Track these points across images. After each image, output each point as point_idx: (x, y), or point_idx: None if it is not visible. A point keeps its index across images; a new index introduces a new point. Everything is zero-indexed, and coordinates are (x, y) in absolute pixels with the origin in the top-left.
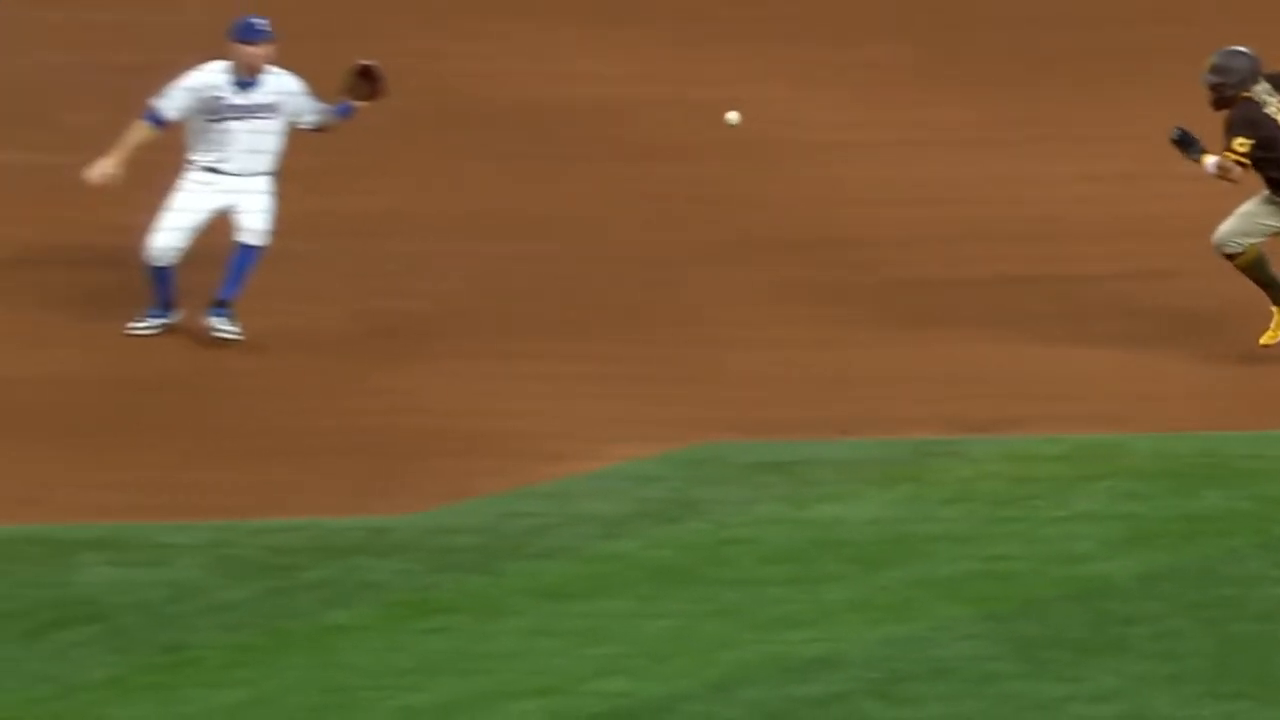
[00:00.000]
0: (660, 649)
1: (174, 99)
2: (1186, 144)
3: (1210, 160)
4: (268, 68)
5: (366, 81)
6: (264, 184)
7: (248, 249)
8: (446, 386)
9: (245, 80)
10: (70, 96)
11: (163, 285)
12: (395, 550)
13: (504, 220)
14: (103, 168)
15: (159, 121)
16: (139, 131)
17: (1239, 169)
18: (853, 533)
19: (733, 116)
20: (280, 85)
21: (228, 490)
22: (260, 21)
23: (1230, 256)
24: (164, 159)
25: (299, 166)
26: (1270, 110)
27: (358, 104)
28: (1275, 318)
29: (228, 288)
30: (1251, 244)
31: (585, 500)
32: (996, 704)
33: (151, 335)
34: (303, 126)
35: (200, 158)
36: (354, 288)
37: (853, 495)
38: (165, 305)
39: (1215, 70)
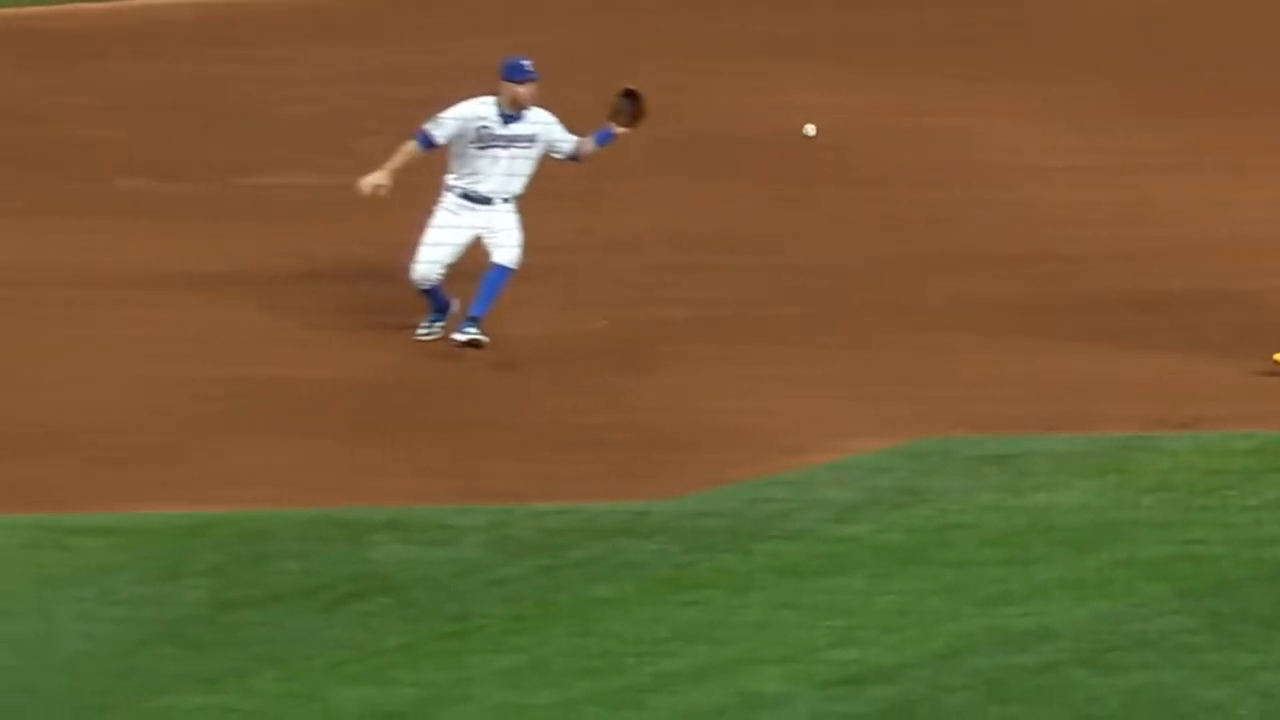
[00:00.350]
0: (889, 622)
1: (444, 125)
2: None
3: None
4: (531, 104)
5: (630, 105)
6: (514, 210)
7: (500, 270)
8: (700, 386)
9: (510, 114)
10: (359, 125)
11: (434, 297)
12: (654, 532)
13: (746, 237)
14: (373, 180)
15: (429, 143)
16: (409, 151)
17: None
18: (1063, 519)
19: (810, 129)
20: (539, 119)
21: (506, 478)
22: (528, 63)
23: None
24: (429, 181)
25: (568, 189)
26: None
27: (619, 130)
28: None
29: (479, 305)
30: None
31: (823, 488)
32: (1193, 673)
33: (433, 339)
34: (556, 156)
35: (459, 183)
36: (615, 297)
37: (1063, 485)
38: (440, 309)
39: None
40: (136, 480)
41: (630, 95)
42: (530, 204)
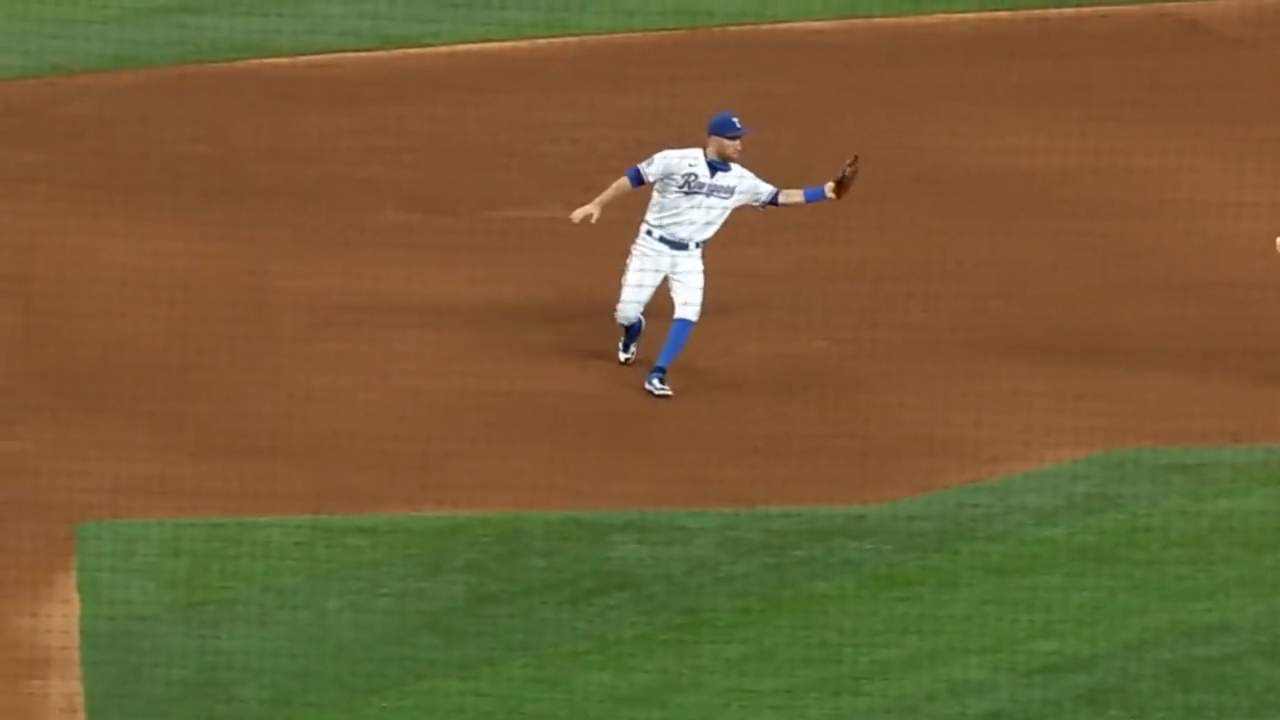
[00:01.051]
0: (1083, 616)
1: (655, 165)
2: None
3: None
4: (737, 158)
5: (850, 176)
6: (701, 256)
7: (684, 324)
8: (914, 401)
9: (717, 164)
10: (604, 164)
11: (633, 329)
12: (870, 533)
13: (961, 266)
14: (584, 211)
15: (638, 180)
16: (619, 186)
17: None
18: (1244, 522)
19: None
20: (742, 172)
21: (734, 484)
22: (737, 119)
23: None
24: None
25: (800, 222)
26: None
27: (830, 195)
28: None
29: (665, 356)
30: None
31: (1023, 494)
32: None
33: (635, 360)
34: (754, 204)
35: (659, 227)
36: (839, 320)
37: (1244, 491)
38: (634, 335)
39: None
40: (400, 484)
41: (854, 166)
42: (765, 235)
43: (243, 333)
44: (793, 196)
